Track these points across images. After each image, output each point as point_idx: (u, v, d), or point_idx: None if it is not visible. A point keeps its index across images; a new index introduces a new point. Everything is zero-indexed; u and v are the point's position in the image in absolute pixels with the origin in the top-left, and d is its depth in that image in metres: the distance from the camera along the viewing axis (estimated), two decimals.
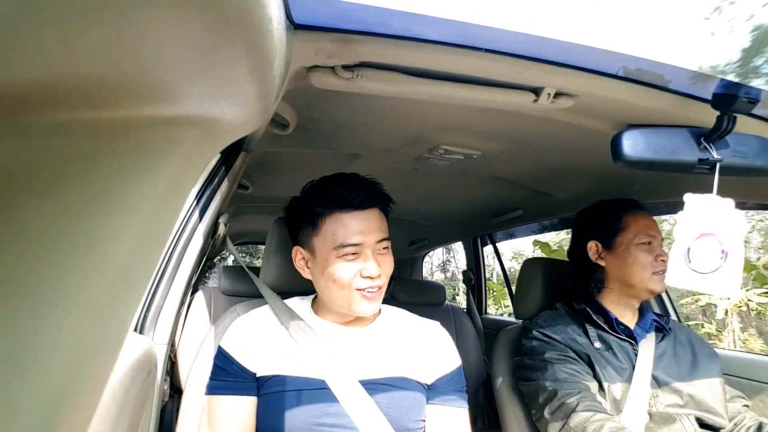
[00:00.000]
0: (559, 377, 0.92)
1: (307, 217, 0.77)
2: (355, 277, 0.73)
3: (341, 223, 0.74)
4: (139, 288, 0.29)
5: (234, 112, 0.32)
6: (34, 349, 0.22)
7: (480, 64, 0.63)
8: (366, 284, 0.74)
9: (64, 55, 0.18)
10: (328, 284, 0.75)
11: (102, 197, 0.24)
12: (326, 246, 0.74)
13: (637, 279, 0.99)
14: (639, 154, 0.71)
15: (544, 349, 0.98)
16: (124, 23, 0.18)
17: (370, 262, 0.73)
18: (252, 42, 0.26)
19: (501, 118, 0.89)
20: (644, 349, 0.99)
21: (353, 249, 0.73)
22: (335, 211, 0.74)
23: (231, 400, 0.75)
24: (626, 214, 1.04)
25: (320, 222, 0.75)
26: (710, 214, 0.64)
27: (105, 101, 0.23)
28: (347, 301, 0.74)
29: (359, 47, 0.59)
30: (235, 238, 2.80)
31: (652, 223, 1.03)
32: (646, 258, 0.99)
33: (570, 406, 0.87)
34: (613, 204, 1.08)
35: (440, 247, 3.34)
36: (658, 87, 0.69)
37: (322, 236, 0.75)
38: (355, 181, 0.77)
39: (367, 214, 0.75)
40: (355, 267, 0.73)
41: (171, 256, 0.87)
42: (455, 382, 0.83)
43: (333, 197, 0.75)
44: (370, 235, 0.74)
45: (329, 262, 0.74)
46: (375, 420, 0.71)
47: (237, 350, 0.77)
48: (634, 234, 1.01)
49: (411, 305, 1.42)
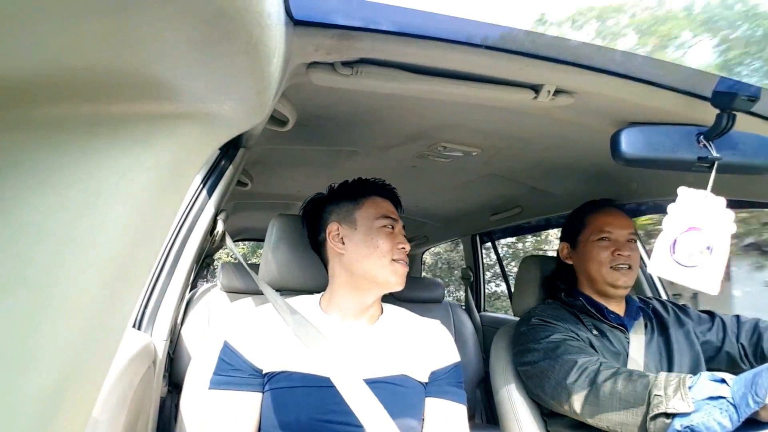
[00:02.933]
0: (572, 351, 0.92)
1: (350, 195, 0.89)
2: (394, 248, 0.83)
3: (379, 203, 0.88)
4: (138, 283, 0.29)
5: (232, 107, 0.32)
6: (32, 344, 0.22)
7: (480, 61, 0.63)
8: (401, 255, 0.84)
9: (61, 48, 0.18)
10: (371, 253, 0.82)
11: (100, 192, 0.24)
12: (370, 217, 0.85)
13: (596, 274, 1.03)
14: (638, 152, 0.71)
15: (550, 332, 0.99)
16: (122, 17, 0.18)
17: (401, 236, 0.86)
18: (251, 37, 0.26)
19: (501, 115, 0.89)
20: (635, 335, 1.01)
21: (392, 222, 0.86)
22: (374, 196, 0.89)
23: (235, 395, 0.75)
24: (589, 214, 1.09)
25: (363, 200, 0.88)
26: (701, 210, 0.64)
27: (103, 95, 0.23)
28: (384, 268, 0.82)
29: (359, 44, 0.59)
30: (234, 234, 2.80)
31: (610, 220, 1.05)
32: (601, 253, 1.03)
33: (594, 369, 0.86)
34: (585, 205, 1.14)
35: (439, 244, 3.34)
36: (658, 85, 0.69)
37: (365, 209, 0.87)
38: (383, 182, 0.93)
39: (391, 204, 0.90)
40: (393, 240, 0.84)
41: (170, 252, 0.87)
42: (451, 376, 0.84)
43: (371, 185, 0.91)
44: (397, 218, 0.88)
45: (373, 231, 0.84)
46: (380, 418, 0.72)
47: (244, 346, 0.78)
48: (590, 231, 1.06)
49: (409, 302, 1.42)
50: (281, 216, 1.05)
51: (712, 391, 0.69)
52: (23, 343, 0.22)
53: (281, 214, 1.06)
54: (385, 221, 0.85)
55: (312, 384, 0.74)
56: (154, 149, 0.27)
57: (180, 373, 1.02)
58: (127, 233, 0.26)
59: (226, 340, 0.80)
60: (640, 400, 0.76)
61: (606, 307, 1.04)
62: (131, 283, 0.28)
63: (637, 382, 0.78)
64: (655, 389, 0.74)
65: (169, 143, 0.28)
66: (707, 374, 0.72)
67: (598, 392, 0.82)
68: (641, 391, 0.76)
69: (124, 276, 0.27)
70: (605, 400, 0.80)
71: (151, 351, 0.75)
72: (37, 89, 0.20)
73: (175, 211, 0.32)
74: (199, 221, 0.90)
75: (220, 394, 0.76)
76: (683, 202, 0.65)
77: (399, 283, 0.83)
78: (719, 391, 0.68)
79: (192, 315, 1.16)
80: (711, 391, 0.69)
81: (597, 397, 0.82)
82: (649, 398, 0.74)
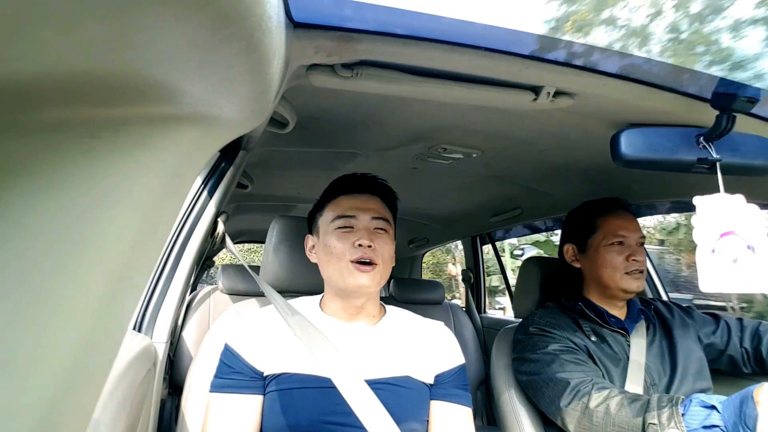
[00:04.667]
0: (567, 367, 0.92)
1: (319, 205, 0.87)
2: (349, 248, 0.77)
3: (340, 202, 0.83)
4: (138, 285, 0.29)
5: (233, 110, 0.32)
6: (32, 347, 0.22)
7: (480, 62, 0.63)
8: (358, 254, 0.77)
9: (61, 51, 0.18)
10: (328, 258, 0.79)
11: (100, 194, 0.24)
12: (326, 222, 0.82)
13: (609, 280, 1.01)
14: (638, 154, 0.71)
15: (547, 342, 0.98)
16: (123, 20, 0.18)
17: (363, 232, 0.79)
18: (251, 40, 0.26)
19: (501, 117, 0.89)
20: (636, 339, 1.01)
21: (348, 221, 0.80)
22: (338, 196, 0.84)
23: (236, 398, 0.75)
24: (599, 216, 1.06)
25: (326, 204, 0.85)
26: (724, 213, 0.62)
27: (103, 98, 0.23)
28: (342, 273, 0.77)
29: (359, 46, 0.59)
30: (234, 236, 2.80)
31: (624, 224, 1.03)
32: (615, 259, 1.00)
33: (586, 390, 0.86)
34: (591, 206, 1.10)
35: (440, 246, 3.34)
36: (657, 86, 0.69)
37: (325, 215, 0.84)
38: (356, 175, 0.87)
39: (364, 197, 0.84)
40: (350, 239, 0.78)
41: (170, 253, 0.87)
42: (457, 378, 0.83)
43: (336, 185, 0.86)
44: (365, 212, 0.81)
45: (328, 235, 0.80)
46: (381, 419, 0.71)
47: (244, 348, 0.78)
48: (603, 235, 1.03)
49: (410, 304, 1.41)
50: (282, 218, 1.05)
51: (705, 420, 0.69)
52: (24, 345, 0.22)
53: (282, 216, 1.06)
54: (339, 221, 0.80)
55: (313, 385, 0.74)
56: (155, 152, 0.27)
57: (180, 376, 1.02)
58: (127, 235, 0.26)
59: (227, 343, 0.80)
60: (635, 427, 0.76)
61: (607, 311, 1.03)
62: (132, 285, 0.28)
63: (630, 407, 0.78)
64: (648, 417, 0.74)
65: (169, 146, 0.28)
66: (697, 399, 0.72)
67: (591, 417, 0.82)
68: (634, 417, 0.77)
69: (124, 278, 0.27)
70: (599, 426, 0.81)
71: (151, 353, 0.75)
72: (38, 92, 0.20)
73: (176, 213, 0.32)
74: (199, 223, 0.90)
75: (220, 398, 0.75)
76: (704, 212, 0.63)
77: (363, 287, 0.76)
78: (712, 419, 0.69)
79: (192, 317, 1.16)
80: (704, 420, 0.70)
81: (590, 421, 0.82)
82: (643, 426, 0.75)
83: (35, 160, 0.23)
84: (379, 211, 0.82)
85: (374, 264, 0.77)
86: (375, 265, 0.78)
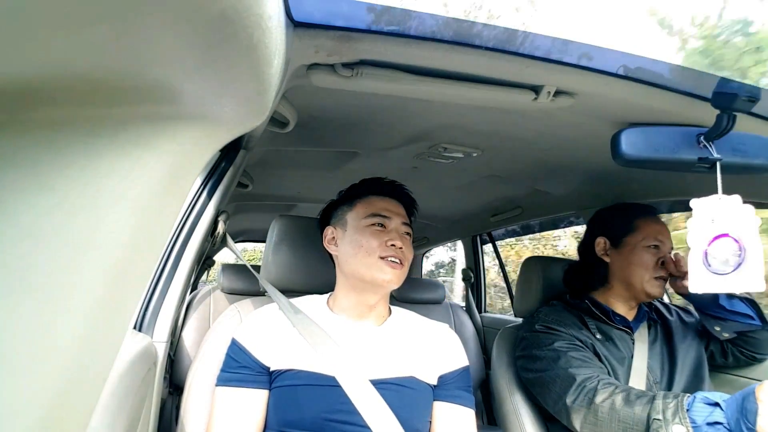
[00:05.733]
0: (573, 364, 0.92)
1: (347, 198, 0.90)
2: (381, 246, 0.81)
3: (373, 202, 0.87)
4: (139, 285, 0.29)
5: (233, 109, 0.32)
6: (33, 346, 0.22)
7: (480, 62, 0.63)
8: (390, 252, 0.81)
9: (63, 52, 0.18)
10: (356, 251, 0.82)
11: (101, 194, 0.24)
12: (359, 217, 0.85)
13: (638, 280, 1.01)
14: (639, 153, 0.71)
15: (552, 339, 0.98)
16: (124, 21, 0.18)
17: (394, 233, 0.83)
18: (251, 39, 0.26)
19: (501, 116, 0.89)
20: (639, 339, 1.02)
21: (382, 220, 0.84)
22: (369, 195, 0.88)
23: (242, 392, 0.76)
24: (639, 218, 1.06)
25: (357, 201, 0.88)
26: (720, 215, 0.63)
27: (104, 98, 0.23)
28: (370, 268, 0.80)
29: (359, 45, 0.59)
30: (234, 236, 2.80)
31: (663, 230, 1.04)
32: (650, 260, 1.01)
33: (592, 386, 0.86)
34: (630, 206, 1.12)
35: (440, 245, 3.34)
36: (658, 86, 0.69)
37: (355, 211, 0.86)
38: (387, 180, 0.92)
39: (394, 202, 0.89)
40: (382, 237, 0.82)
41: (171, 253, 0.87)
42: (461, 380, 0.84)
43: (368, 185, 0.90)
44: (396, 215, 0.86)
45: (359, 231, 0.83)
46: (385, 419, 0.72)
47: (252, 343, 0.78)
48: (642, 236, 1.03)
49: (411, 303, 1.41)
50: (282, 217, 1.05)
51: (709, 417, 0.70)
52: (24, 345, 0.22)
53: (282, 215, 1.06)
54: (374, 219, 0.84)
55: (318, 383, 0.74)
56: (155, 151, 0.27)
57: (181, 375, 1.02)
58: (128, 235, 0.26)
59: (234, 337, 0.81)
60: (640, 423, 0.77)
61: (612, 310, 1.04)
62: (132, 285, 0.28)
63: (635, 403, 0.79)
64: (654, 413, 0.75)
65: (170, 145, 0.28)
66: (701, 396, 0.73)
67: (597, 413, 0.83)
68: (640, 413, 0.77)
69: (125, 277, 0.27)
70: (604, 422, 0.81)
71: (151, 353, 0.75)
72: (39, 92, 0.20)
73: (176, 212, 0.32)
74: (199, 223, 0.90)
75: (227, 391, 0.76)
76: (700, 214, 0.64)
77: (389, 282, 0.80)
78: (715, 416, 0.70)
79: (193, 317, 1.16)
80: (707, 417, 0.71)
81: (596, 417, 0.83)
82: (648, 422, 0.75)
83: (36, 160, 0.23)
84: (406, 218, 0.88)
85: (402, 264, 0.82)
86: (402, 265, 0.82)
